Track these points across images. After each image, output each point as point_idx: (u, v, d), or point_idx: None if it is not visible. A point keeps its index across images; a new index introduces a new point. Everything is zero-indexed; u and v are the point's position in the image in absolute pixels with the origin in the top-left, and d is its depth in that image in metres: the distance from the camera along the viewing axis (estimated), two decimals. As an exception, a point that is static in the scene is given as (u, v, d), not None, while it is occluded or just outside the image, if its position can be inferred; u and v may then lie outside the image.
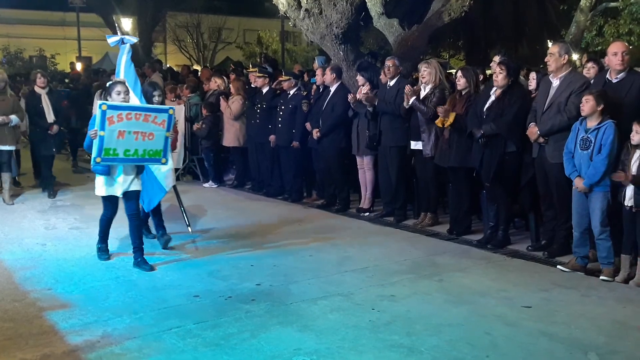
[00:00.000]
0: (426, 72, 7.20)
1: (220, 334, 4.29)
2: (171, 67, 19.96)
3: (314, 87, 9.03)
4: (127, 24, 21.53)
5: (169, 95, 10.00)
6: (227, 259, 6.07)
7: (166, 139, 5.75)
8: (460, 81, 6.80)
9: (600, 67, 6.56)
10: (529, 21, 22.94)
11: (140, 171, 5.85)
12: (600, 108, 5.35)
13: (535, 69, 7.58)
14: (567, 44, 6.22)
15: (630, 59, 5.67)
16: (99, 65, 23.51)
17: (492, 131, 6.21)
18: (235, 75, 11.21)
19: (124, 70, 6.32)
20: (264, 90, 9.50)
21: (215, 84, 10.74)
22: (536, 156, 6.07)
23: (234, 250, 6.42)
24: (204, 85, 11.57)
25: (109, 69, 17.62)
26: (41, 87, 9.33)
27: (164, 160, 5.85)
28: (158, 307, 4.81)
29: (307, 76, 10.59)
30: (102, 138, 5.42)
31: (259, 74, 9.67)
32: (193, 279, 5.51)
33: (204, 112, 10.35)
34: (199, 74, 14.38)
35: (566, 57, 5.91)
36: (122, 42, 6.39)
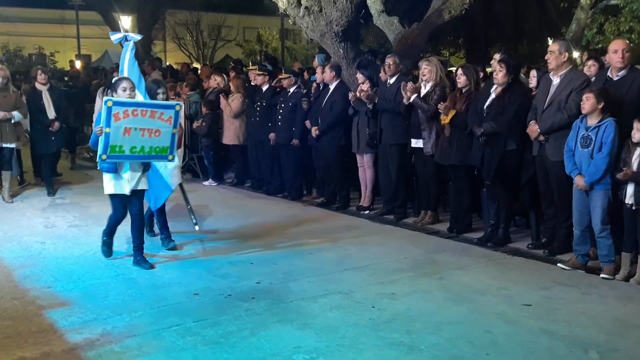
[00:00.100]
0: (427, 70, 7.18)
1: (220, 332, 4.28)
2: (171, 65, 19.97)
3: (314, 85, 9.02)
4: (126, 22, 21.48)
5: (169, 93, 9.98)
6: (227, 257, 6.06)
7: (173, 135, 5.64)
8: (460, 79, 6.79)
9: (600, 64, 6.56)
10: (530, 19, 22.95)
11: (146, 169, 5.76)
12: (600, 106, 5.34)
13: (536, 67, 7.56)
14: (567, 42, 6.19)
15: (630, 57, 5.65)
16: (99, 64, 23.48)
17: (493, 130, 6.20)
18: (235, 73, 11.20)
19: (128, 67, 6.22)
20: (264, 88, 9.49)
21: (215, 81, 10.73)
22: (536, 154, 6.06)
23: (234, 248, 6.41)
24: (203, 83, 11.57)
25: (109, 67, 17.61)
26: (42, 83, 9.29)
27: (171, 157, 5.75)
28: (157, 305, 4.80)
29: (307, 74, 10.58)
30: (107, 135, 5.33)
31: (258, 72, 9.65)
32: (193, 277, 5.50)
33: (203, 110, 10.35)
34: (199, 71, 14.39)
35: (566, 54, 5.89)
36: (125, 39, 6.34)
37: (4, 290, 5.14)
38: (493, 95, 6.36)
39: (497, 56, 7.28)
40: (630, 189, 5.19)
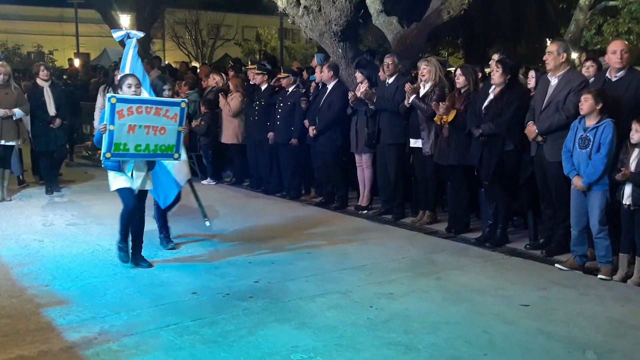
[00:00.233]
0: (426, 70, 7.18)
1: (218, 331, 4.28)
2: (170, 64, 19.95)
3: (313, 84, 9.02)
4: (125, 20, 21.49)
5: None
6: (225, 256, 6.06)
7: (179, 133, 5.52)
8: (459, 79, 6.79)
9: (599, 65, 6.56)
10: (528, 19, 22.93)
11: (151, 168, 5.66)
12: (599, 107, 5.34)
13: (534, 67, 7.57)
14: (565, 42, 6.18)
15: (629, 58, 5.65)
16: (97, 62, 23.47)
17: (491, 131, 6.20)
18: (233, 72, 11.21)
19: (131, 65, 6.07)
20: (263, 88, 9.49)
21: (213, 80, 10.73)
22: (535, 155, 6.06)
23: (232, 247, 6.41)
24: (202, 82, 11.57)
25: (107, 65, 17.61)
26: (44, 79, 9.19)
27: (177, 155, 5.63)
28: (155, 304, 4.80)
29: (305, 73, 10.58)
30: (111, 132, 5.20)
31: (257, 71, 9.66)
32: (191, 276, 5.50)
33: (202, 109, 10.34)
34: (198, 70, 14.37)
35: (565, 55, 5.89)
36: (127, 36, 6.27)
37: (2, 288, 5.14)
38: (491, 96, 6.36)
39: (495, 56, 7.28)
40: (628, 189, 5.20)
